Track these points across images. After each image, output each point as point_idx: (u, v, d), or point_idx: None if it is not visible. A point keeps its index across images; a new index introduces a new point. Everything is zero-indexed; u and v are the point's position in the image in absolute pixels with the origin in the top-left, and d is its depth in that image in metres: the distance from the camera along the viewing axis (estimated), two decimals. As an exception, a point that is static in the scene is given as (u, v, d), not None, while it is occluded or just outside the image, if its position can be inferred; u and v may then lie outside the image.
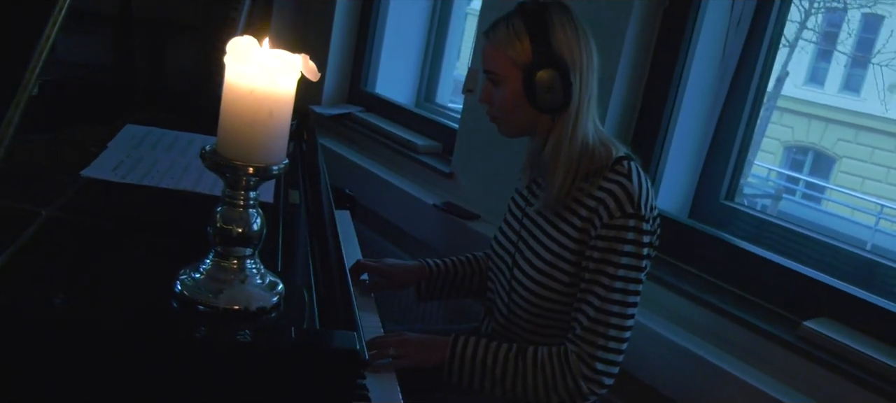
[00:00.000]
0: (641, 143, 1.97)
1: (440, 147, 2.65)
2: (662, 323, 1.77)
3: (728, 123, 1.97)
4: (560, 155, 1.42)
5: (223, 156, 0.88)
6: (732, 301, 1.74)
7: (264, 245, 1.14)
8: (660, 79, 1.94)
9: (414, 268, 1.76)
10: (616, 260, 1.38)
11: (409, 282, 1.76)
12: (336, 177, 2.74)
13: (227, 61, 0.86)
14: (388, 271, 1.74)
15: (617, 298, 1.38)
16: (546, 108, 1.42)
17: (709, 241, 1.87)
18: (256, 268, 0.95)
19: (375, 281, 1.73)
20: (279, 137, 0.89)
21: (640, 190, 1.39)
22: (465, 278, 1.79)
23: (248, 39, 0.86)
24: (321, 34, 3.08)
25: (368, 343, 1.39)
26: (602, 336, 1.38)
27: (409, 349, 1.43)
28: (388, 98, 2.99)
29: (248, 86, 0.85)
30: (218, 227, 0.92)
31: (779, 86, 8.61)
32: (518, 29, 1.41)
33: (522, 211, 1.59)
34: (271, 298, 0.94)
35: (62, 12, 1.17)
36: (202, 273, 0.93)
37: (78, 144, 1.64)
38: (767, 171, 9.73)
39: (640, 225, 1.38)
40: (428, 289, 1.78)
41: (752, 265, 1.78)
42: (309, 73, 0.88)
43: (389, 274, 1.74)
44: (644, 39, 1.93)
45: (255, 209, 0.93)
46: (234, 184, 0.91)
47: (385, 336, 1.46)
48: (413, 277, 1.76)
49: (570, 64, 1.40)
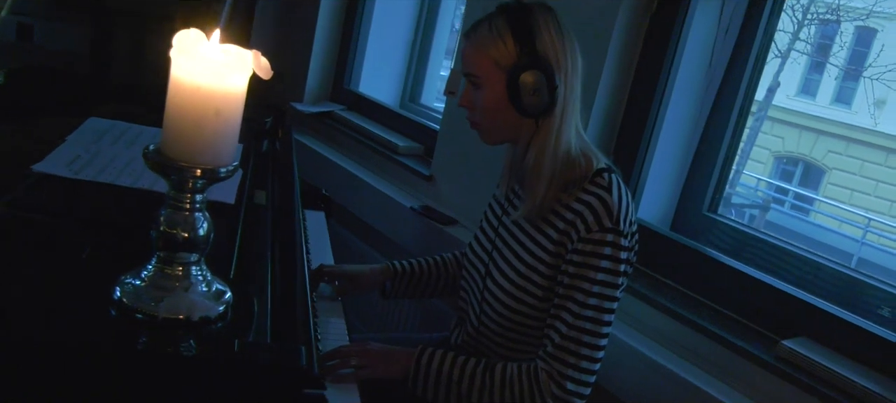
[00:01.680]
0: (624, 151, 1.93)
1: (421, 149, 2.60)
2: (637, 337, 1.73)
3: (713, 133, 1.93)
4: (543, 162, 1.37)
5: (167, 156, 0.83)
6: (710, 316, 1.70)
7: (220, 249, 1.09)
8: (644, 85, 1.90)
9: (379, 270, 1.71)
10: (592, 275, 1.33)
11: (374, 285, 1.71)
12: (314, 176, 2.69)
13: (173, 55, 0.81)
14: (351, 275, 1.69)
15: (590, 315, 1.33)
16: (530, 112, 1.37)
17: (688, 254, 1.83)
18: (202, 276, 0.90)
19: (342, 286, 1.68)
20: (227, 137, 0.84)
21: (620, 204, 1.34)
22: (430, 279, 1.74)
23: (195, 32, 0.80)
24: (305, 30, 3.03)
25: (330, 353, 1.35)
26: (574, 354, 1.34)
27: (372, 359, 1.37)
28: (371, 97, 2.93)
29: (193, 83, 0.80)
30: (161, 231, 0.87)
31: (770, 96, 8.60)
32: (501, 29, 1.36)
33: (498, 219, 1.54)
34: (216, 308, 0.88)
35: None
36: (144, 279, 0.88)
37: (42, 136, 1.58)
38: (756, 181, 9.73)
39: (618, 241, 1.33)
40: (393, 288, 1.73)
41: (731, 280, 1.73)
42: (260, 71, 0.83)
43: (354, 278, 1.69)
44: (629, 45, 1.89)
45: (202, 213, 0.88)
46: (179, 186, 0.86)
47: (347, 345, 1.41)
48: (379, 279, 1.71)
49: (556, 66, 1.35)
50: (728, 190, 4.78)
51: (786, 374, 1.50)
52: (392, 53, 3.01)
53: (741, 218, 7.85)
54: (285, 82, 3.13)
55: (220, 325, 0.89)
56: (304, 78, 3.02)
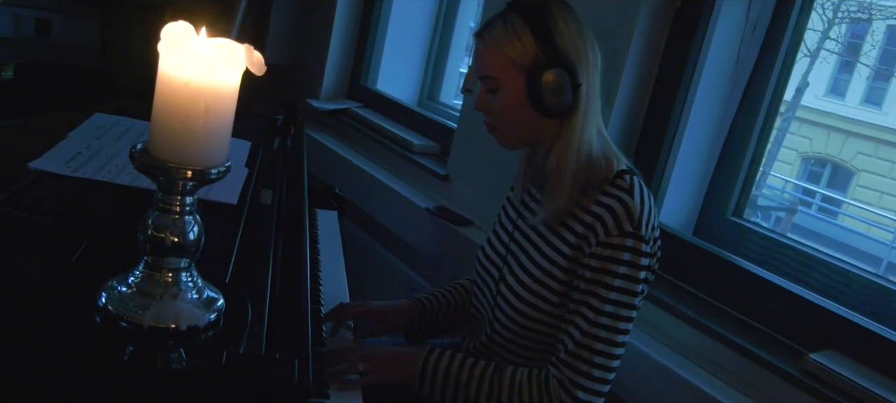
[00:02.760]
0: (645, 152, 1.86)
1: (438, 148, 2.55)
2: (656, 345, 1.66)
3: (739, 135, 1.85)
4: (566, 165, 1.30)
5: (154, 156, 0.79)
6: (733, 327, 1.63)
7: (218, 253, 1.05)
8: (668, 85, 1.83)
9: (405, 307, 1.61)
10: (609, 281, 1.26)
11: (401, 325, 1.61)
12: (328, 174, 2.66)
13: (161, 49, 0.76)
14: (378, 314, 1.57)
15: (606, 323, 1.27)
16: (553, 113, 1.30)
17: (711, 260, 1.76)
18: (193, 282, 0.85)
19: (367, 328, 1.58)
20: (217, 137, 0.79)
21: (642, 208, 1.28)
22: (456, 309, 1.66)
23: (184, 25, 0.76)
24: (322, 26, 2.99)
25: (335, 356, 1.30)
26: (587, 362, 1.28)
27: (379, 363, 1.32)
28: (387, 95, 2.88)
29: (182, 79, 0.75)
30: (149, 235, 0.82)
31: (798, 96, 8.43)
32: (517, 26, 1.29)
33: (513, 223, 1.48)
34: (206, 316, 0.84)
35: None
36: (131, 285, 0.83)
37: (47, 132, 1.54)
38: (783, 183, 9.56)
39: (639, 247, 1.26)
40: (422, 328, 1.63)
41: (756, 288, 1.66)
42: (253, 66, 0.78)
43: (380, 317, 1.57)
44: (652, 42, 1.82)
45: (192, 216, 0.83)
46: (168, 187, 0.81)
47: (352, 348, 1.36)
48: (405, 317, 1.61)
49: (578, 62, 1.28)
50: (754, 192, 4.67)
51: (813, 389, 1.42)
52: (410, 50, 2.96)
53: (767, 220, 7.71)
54: (302, 79, 3.09)
55: (211, 334, 0.84)
56: (321, 75, 2.98)
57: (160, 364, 0.77)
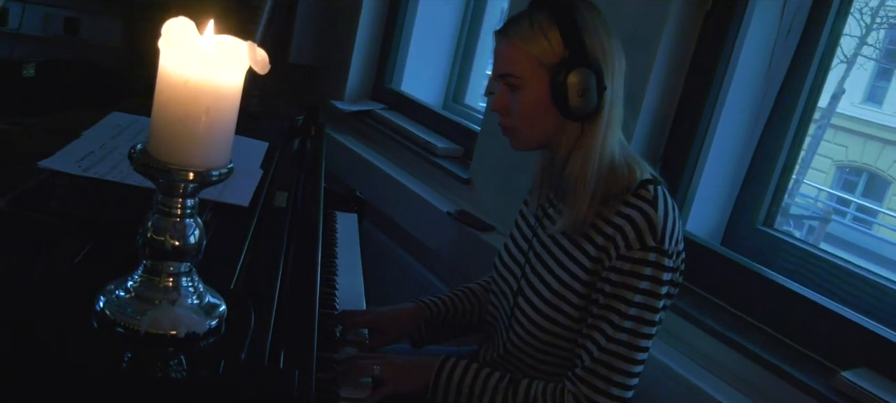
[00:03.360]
0: (672, 159, 1.81)
1: (461, 151, 2.51)
2: (681, 358, 1.61)
3: (771, 142, 1.79)
4: (587, 171, 1.25)
5: (154, 157, 0.76)
6: (762, 341, 1.57)
7: (226, 256, 1.02)
8: (697, 89, 1.77)
9: (410, 312, 1.56)
10: (629, 296, 1.22)
11: (406, 331, 1.56)
12: (350, 176, 2.63)
13: (161, 45, 0.73)
14: (379, 323, 1.52)
15: (625, 338, 1.22)
16: (576, 115, 1.24)
17: (739, 272, 1.70)
18: (194, 287, 0.83)
19: (371, 342, 1.51)
20: (219, 138, 0.76)
21: (665, 220, 1.23)
22: (465, 314, 1.61)
23: (185, 21, 0.73)
24: (347, 27, 2.96)
25: (346, 366, 1.27)
26: (604, 378, 1.23)
27: (393, 372, 1.29)
28: (412, 96, 2.85)
29: (181, 77, 0.73)
30: (148, 238, 0.79)
31: (834, 103, 8.25)
32: (544, 24, 1.24)
33: (532, 231, 1.44)
34: (206, 323, 0.81)
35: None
36: (129, 289, 0.81)
37: (66, 130, 1.53)
38: (817, 191, 9.36)
39: (662, 261, 1.21)
40: (428, 332, 1.59)
41: (786, 302, 1.60)
42: (256, 65, 0.75)
43: (383, 328, 1.52)
44: (681, 46, 1.76)
45: (193, 218, 0.81)
46: (168, 189, 0.78)
47: (365, 357, 1.33)
48: (410, 323, 1.56)
49: (605, 65, 1.23)
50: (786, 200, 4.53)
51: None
52: (436, 51, 2.92)
53: (800, 229, 7.55)
54: (326, 80, 3.07)
55: (212, 341, 0.81)
56: (345, 76, 2.96)
57: (155, 373, 0.74)
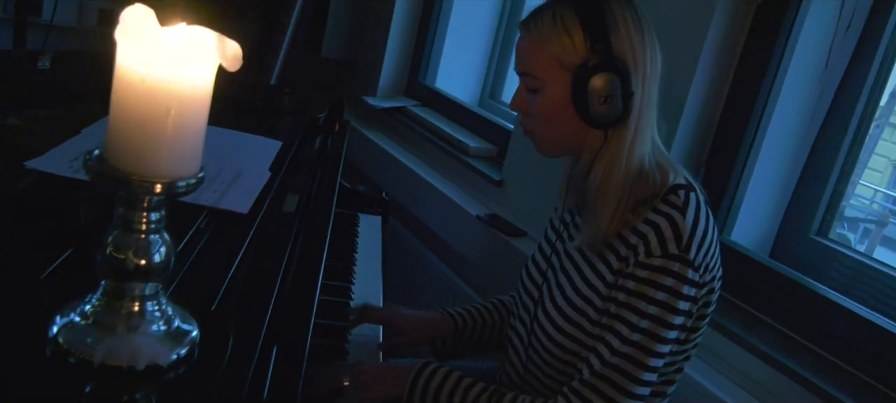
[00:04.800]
0: (717, 163, 1.67)
1: (494, 150, 2.40)
2: (722, 382, 1.48)
3: (827, 145, 1.64)
4: (611, 182, 1.14)
5: (112, 165, 0.67)
6: (813, 364, 1.43)
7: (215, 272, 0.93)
8: (745, 89, 1.64)
9: (432, 321, 1.47)
10: (643, 307, 1.10)
11: (426, 338, 1.47)
12: (380, 175, 2.54)
13: (118, 37, 0.64)
14: (397, 322, 1.46)
15: (632, 353, 1.10)
16: (599, 123, 1.13)
17: (789, 286, 1.55)
18: (160, 311, 0.73)
19: (390, 342, 1.46)
20: (185, 144, 0.67)
21: (694, 228, 1.10)
22: (493, 328, 1.51)
23: (143, 8, 0.63)
24: (382, 21, 2.87)
25: (321, 377, 1.19)
26: (603, 396, 1.11)
27: (366, 379, 1.21)
28: (446, 93, 2.74)
29: (138, 74, 0.63)
30: (108, 256, 0.70)
31: (892, 101, 7.92)
32: (567, 21, 1.12)
33: (552, 246, 1.33)
34: (171, 353, 0.71)
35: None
36: (86, 314, 0.72)
37: (76, 125, 1.47)
38: (873, 193, 9.01)
39: (685, 273, 1.09)
40: (453, 345, 1.49)
41: (841, 320, 1.46)
42: (227, 60, 0.65)
43: (402, 330, 1.45)
44: (729, 43, 1.63)
45: (159, 234, 0.71)
46: (130, 202, 0.69)
47: (339, 365, 1.25)
48: (431, 331, 1.47)
49: (633, 67, 1.12)
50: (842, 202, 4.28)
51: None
52: (472, 47, 2.81)
53: (855, 232, 7.25)
54: (358, 75, 2.99)
55: (180, 372, 0.72)
56: (378, 71, 2.87)
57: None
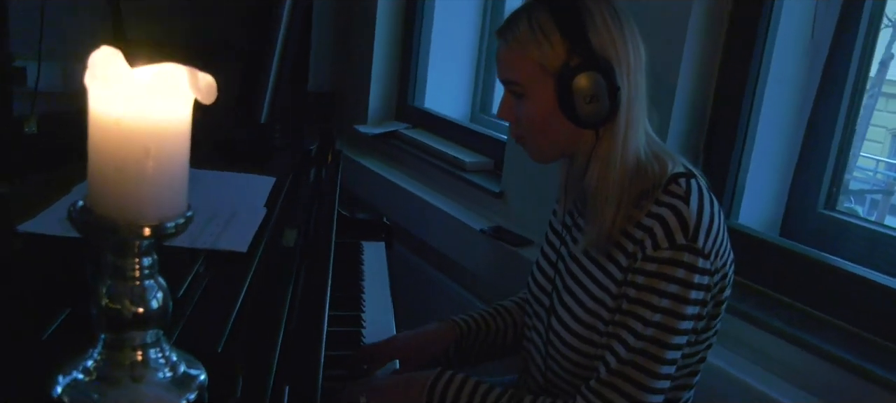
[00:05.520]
0: (716, 149, 1.66)
1: (491, 163, 2.38)
2: (746, 365, 1.46)
3: (823, 118, 1.62)
4: (609, 179, 1.12)
5: (96, 214, 0.65)
6: (838, 339, 1.41)
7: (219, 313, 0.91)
8: (734, 72, 1.62)
9: (438, 332, 1.44)
10: (655, 301, 1.07)
11: (438, 352, 1.43)
12: (379, 201, 2.53)
13: (87, 82, 0.62)
14: (406, 350, 1.41)
15: (645, 348, 1.08)
16: (589, 123, 1.11)
17: (804, 263, 1.53)
18: (164, 357, 0.71)
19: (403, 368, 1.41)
20: (167, 183, 0.65)
21: (699, 215, 1.08)
22: (499, 333, 1.48)
23: (110, 51, 0.62)
24: (363, 50, 2.87)
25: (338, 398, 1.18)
26: (622, 393, 1.09)
27: (384, 395, 1.19)
28: (435, 112, 2.73)
29: (111, 117, 0.62)
30: (104, 307, 0.68)
31: (883, 70, 7.90)
32: (544, 25, 1.10)
33: (556, 251, 1.31)
34: (180, 399, 0.69)
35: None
36: (89, 370, 0.69)
37: (67, 186, 1.45)
38: (875, 163, 8.97)
39: (694, 262, 1.07)
40: (460, 353, 1.46)
41: (860, 290, 1.43)
42: (200, 93, 0.63)
43: (410, 355, 1.40)
44: (712, 26, 1.61)
45: (154, 279, 0.69)
46: (120, 250, 0.67)
47: (355, 384, 1.23)
48: (440, 343, 1.43)
49: (616, 62, 1.10)
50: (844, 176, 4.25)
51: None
52: (457, 63, 2.80)
53: (862, 204, 7.21)
54: (347, 105, 2.99)
55: (190, 419, 0.70)
56: (366, 99, 2.86)
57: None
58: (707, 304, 1.13)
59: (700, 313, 1.12)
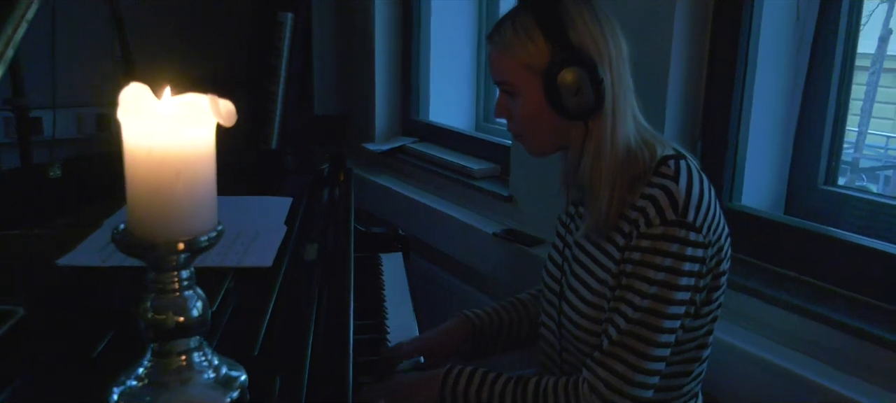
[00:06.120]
0: (712, 135, 1.70)
1: (498, 169, 2.44)
2: (758, 340, 1.50)
3: (815, 95, 1.67)
4: (602, 166, 1.20)
5: (136, 236, 0.72)
6: (844, 307, 1.45)
7: (251, 323, 0.98)
8: (723, 58, 1.67)
9: (456, 327, 1.52)
10: (651, 274, 1.14)
11: (453, 346, 1.51)
12: (393, 215, 2.59)
13: (120, 117, 0.69)
14: (428, 347, 1.48)
15: (643, 319, 1.15)
16: (577, 115, 1.19)
17: (808, 238, 1.57)
18: (207, 361, 0.78)
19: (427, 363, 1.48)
20: (198, 202, 0.72)
21: (688, 192, 1.15)
22: (513, 325, 1.55)
23: (139, 87, 0.69)
24: (365, 71, 2.94)
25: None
26: (623, 362, 1.16)
27: (401, 395, 1.27)
28: (440, 124, 2.80)
29: (144, 146, 0.68)
30: (150, 320, 0.75)
31: (883, 46, 7.90)
32: (527, 26, 1.19)
33: (563, 240, 1.38)
34: (224, 397, 0.76)
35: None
36: (141, 376, 0.76)
37: (97, 222, 1.52)
38: (885, 140, 8.96)
39: (686, 236, 1.14)
40: (475, 346, 1.53)
41: (865, 260, 1.47)
42: (222, 118, 0.70)
43: (433, 351, 1.48)
44: (698, 13, 1.67)
45: (192, 290, 0.76)
46: (159, 265, 0.74)
47: (372, 389, 1.30)
48: (459, 337, 1.51)
49: (597, 56, 1.18)
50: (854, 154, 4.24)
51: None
52: (458, 74, 2.87)
53: (875, 182, 7.20)
54: (354, 125, 3.06)
55: (235, 415, 0.76)
56: (372, 117, 2.93)
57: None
58: (704, 276, 1.19)
59: (697, 285, 1.18)
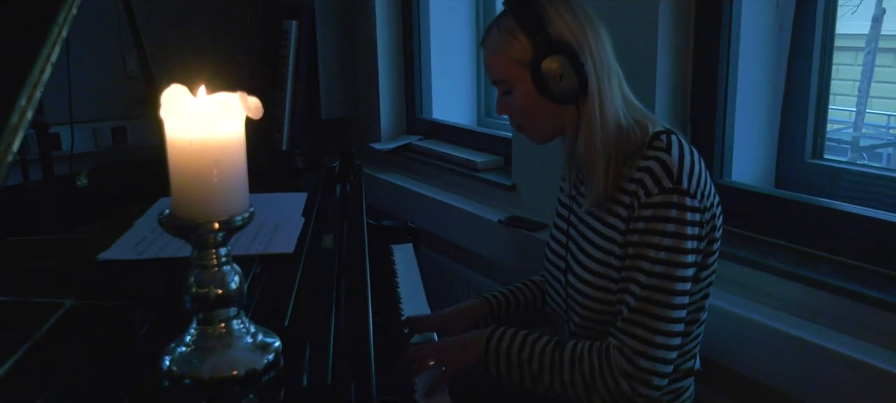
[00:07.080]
0: (702, 114, 1.79)
1: (501, 161, 2.54)
2: (758, 308, 1.59)
3: (799, 72, 1.77)
4: (595, 144, 1.31)
5: (181, 217, 0.81)
6: (831, 270, 1.54)
7: (279, 300, 1.08)
8: (708, 40, 1.76)
9: (472, 307, 1.64)
10: (657, 240, 1.25)
11: (470, 323, 1.62)
12: (401, 210, 2.69)
13: (163, 115, 0.79)
14: (446, 324, 1.60)
15: (657, 284, 1.25)
16: (565, 98, 1.32)
17: (798, 208, 1.66)
18: (245, 328, 0.88)
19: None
20: (233, 186, 0.82)
21: (681, 162, 1.26)
22: (527, 303, 1.67)
23: (178, 88, 0.79)
24: (369, 72, 3.05)
25: (404, 364, 1.36)
26: (644, 326, 1.26)
27: (447, 354, 1.37)
28: (443, 121, 2.90)
29: (185, 139, 0.78)
30: (194, 293, 0.85)
31: (877, 26, 7.94)
32: (510, 27, 1.33)
33: (566, 219, 1.48)
34: (263, 359, 0.86)
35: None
36: (189, 344, 0.86)
37: (125, 225, 1.62)
38: (886, 119, 9.00)
39: (683, 201, 1.24)
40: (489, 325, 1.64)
41: (850, 226, 1.56)
42: (250, 112, 0.80)
43: (450, 329, 1.58)
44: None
45: (230, 265, 0.86)
46: (200, 244, 0.84)
47: (417, 350, 1.40)
48: (475, 316, 1.63)
49: (576, 45, 1.30)
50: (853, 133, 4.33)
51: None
52: (459, 71, 2.98)
53: (878, 160, 7.24)
54: (360, 125, 3.16)
55: (272, 375, 0.86)
56: (377, 118, 3.03)
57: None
58: (703, 239, 1.29)
59: (698, 247, 1.28)
